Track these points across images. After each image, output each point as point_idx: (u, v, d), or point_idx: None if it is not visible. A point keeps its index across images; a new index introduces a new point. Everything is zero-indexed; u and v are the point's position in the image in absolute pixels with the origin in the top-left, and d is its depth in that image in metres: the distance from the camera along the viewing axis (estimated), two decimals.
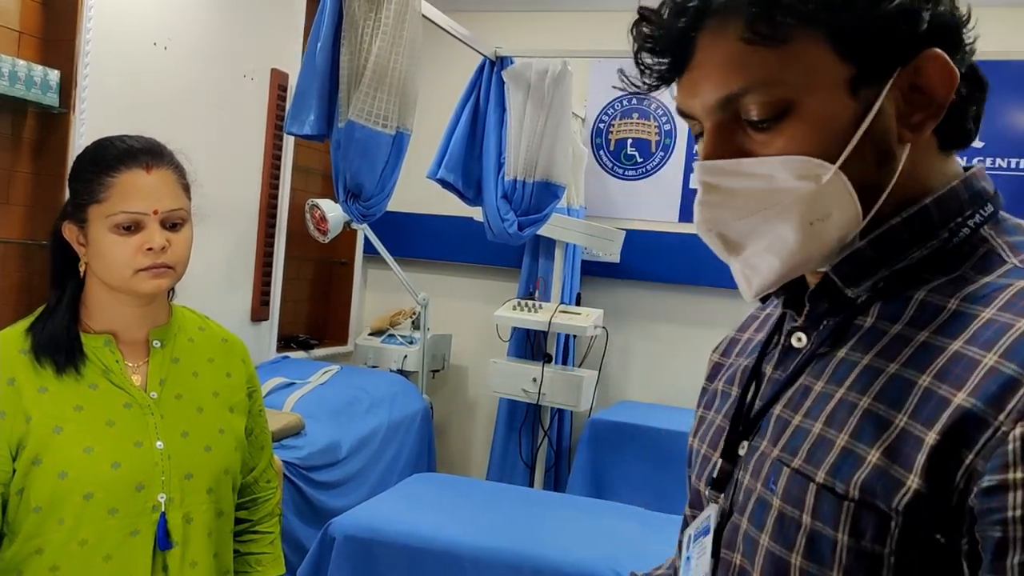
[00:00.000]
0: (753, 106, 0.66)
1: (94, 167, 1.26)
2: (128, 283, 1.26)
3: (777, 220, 0.67)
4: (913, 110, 0.67)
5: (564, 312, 3.69)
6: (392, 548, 2.37)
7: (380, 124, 2.32)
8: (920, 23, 0.64)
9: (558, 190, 3.17)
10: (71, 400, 1.24)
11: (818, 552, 0.64)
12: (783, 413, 0.71)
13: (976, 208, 0.68)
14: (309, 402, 3.30)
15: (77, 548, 1.21)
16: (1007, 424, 0.56)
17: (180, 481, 1.29)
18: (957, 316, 0.63)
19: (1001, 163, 3.59)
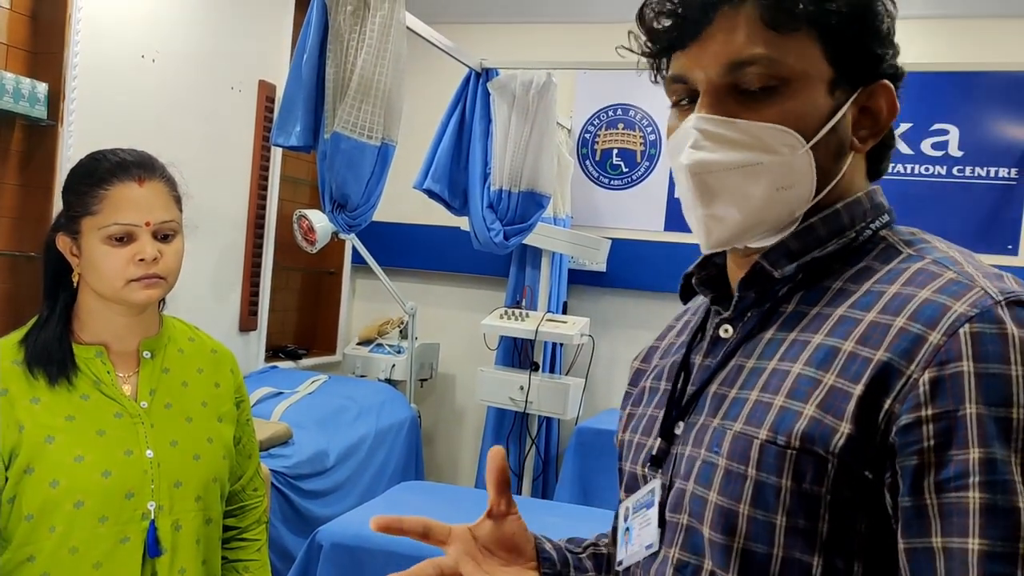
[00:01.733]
0: (754, 76, 0.76)
1: (87, 180, 1.28)
2: (120, 293, 1.28)
3: (752, 178, 0.77)
4: (862, 126, 0.80)
5: (551, 321, 3.72)
6: (379, 556, 2.39)
7: (365, 135, 2.35)
8: (886, 55, 0.79)
9: (543, 200, 3.21)
10: (63, 410, 1.26)
11: (763, 499, 0.72)
12: (719, 390, 0.80)
13: (876, 216, 0.81)
14: (297, 411, 3.31)
15: (68, 556, 1.23)
16: (917, 372, 0.67)
17: (169, 489, 1.31)
18: (868, 294, 0.75)
19: (980, 171, 3.64)
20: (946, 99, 3.67)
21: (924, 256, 0.76)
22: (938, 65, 3.55)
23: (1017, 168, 3.59)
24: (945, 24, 3.67)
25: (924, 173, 3.71)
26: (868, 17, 0.77)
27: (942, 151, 3.68)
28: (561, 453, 3.89)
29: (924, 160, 3.70)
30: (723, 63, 0.76)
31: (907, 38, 3.16)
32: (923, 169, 3.71)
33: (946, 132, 3.67)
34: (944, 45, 3.66)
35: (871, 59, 0.78)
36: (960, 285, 0.70)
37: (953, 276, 0.72)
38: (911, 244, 0.79)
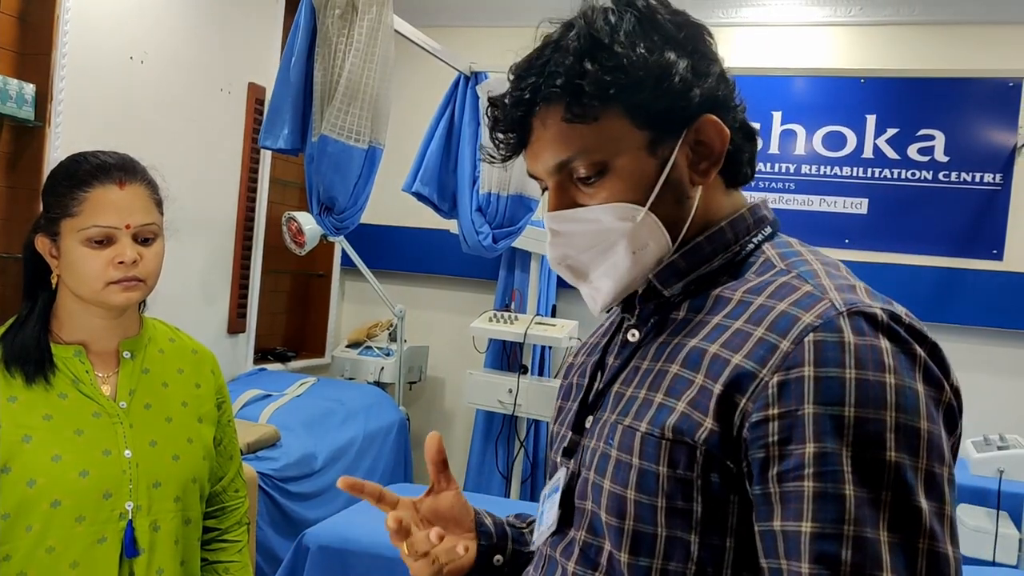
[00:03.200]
0: (579, 168, 0.85)
1: (67, 182, 1.28)
2: (99, 295, 1.28)
3: (610, 252, 0.87)
4: (700, 160, 0.87)
5: (540, 323, 3.72)
6: (366, 558, 2.39)
7: (353, 139, 2.36)
8: (693, 98, 0.84)
9: (532, 203, 3.22)
10: (40, 409, 1.26)
11: (646, 485, 0.81)
12: (619, 389, 0.89)
13: (759, 229, 0.90)
14: (285, 414, 3.31)
15: (44, 555, 1.22)
16: (768, 375, 0.75)
17: (148, 489, 1.31)
18: (740, 304, 0.83)
19: (966, 177, 3.67)
20: (932, 105, 3.69)
21: (791, 270, 0.84)
22: (925, 71, 3.58)
23: (1002, 174, 3.62)
24: (932, 30, 3.70)
25: (911, 178, 3.73)
26: (660, 79, 0.83)
27: (928, 156, 3.71)
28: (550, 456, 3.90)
29: (910, 165, 3.73)
30: (551, 165, 0.86)
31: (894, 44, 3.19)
32: (909, 174, 3.73)
33: (932, 138, 3.70)
34: (931, 51, 3.68)
35: (677, 107, 0.84)
36: (812, 298, 0.78)
37: (808, 289, 0.80)
38: (784, 258, 0.87)
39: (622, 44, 0.83)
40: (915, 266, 3.70)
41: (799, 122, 3.88)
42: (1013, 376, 3.62)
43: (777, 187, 3.89)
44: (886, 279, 3.71)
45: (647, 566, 0.81)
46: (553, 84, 0.83)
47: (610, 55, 0.82)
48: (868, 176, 3.78)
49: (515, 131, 0.87)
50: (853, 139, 3.80)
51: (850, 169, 3.80)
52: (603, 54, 0.82)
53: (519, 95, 0.86)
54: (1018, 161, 3.61)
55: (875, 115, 3.77)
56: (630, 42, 0.83)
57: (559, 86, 0.83)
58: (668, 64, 0.83)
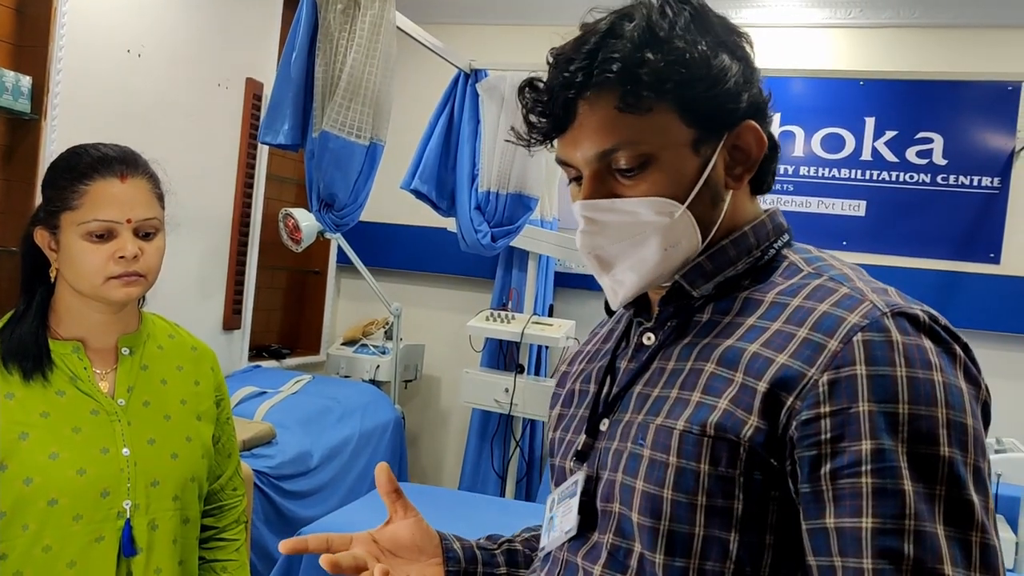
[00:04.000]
0: (622, 158, 0.85)
1: (68, 174, 1.26)
2: (99, 290, 1.27)
3: (641, 246, 0.87)
4: (736, 164, 0.88)
5: (537, 323, 3.71)
6: None
7: (354, 135, 2.34)
8: (741, 102, 0.86)
9: (531, 202, 3.21)
10: (38, 406, 1.24)
11: (684, 483, 0.80)
12: (643, 390, 0.88)
13: (778, 236, 0.92)
14: (280, 411, 3.29)
15: (41, 554, 1.21)
16: (817, 374, 0.76)
17: (146, 488, 1.29)
18: (774, 306, 0.84)
19: (964, 180, 3.67)
20: (931, 107, 3.70)
21: (822, 274, 0.86)
22: (924, 74, 3.58)
23: (1000, 177, 3.63)
24: (931, 33, 3.70)
25: (909, 181, 3.73)
26: (716, 80, 0.84)
27: (926, 159, 3.71)
28: (545, 456, 3.89)
29: (909, 168, 3.73)
30: (592, 153, 0.85)
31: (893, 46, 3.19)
32: (908, 177, 3.73)
33: (931, 140, 3.70)
34: (930, 54, 3.69)
35: (726, 109, 0.85)
36: (853, 299, 0.80)
37: (847, 291, 0.82)
38: (810, 263, 0.89)
39: (682, 39, 0.83)
40: (912, 269, 3.71)
41: (798, 123, 3.87)
42: (1010, 379, 3.62)
43: (775, 188, 3.87)
44: (883, 281, 3.71)
45: (683, 567, 0.81)
46: (609, 69, 0.82)
47: (670, 49, 0.82)
48: (866, 178, 3.78)
49: (557, 115, 0.86)
50: (852, 141, 3.80)
51: (848, 171, 3.80)
52: (664, 46, 0.82)
53: (569, 78, 0.84)
54: (1016, 165, 3.61)
55: (874, 117, 3.77)
56: (690, 39, 0.84)
57: (615, 72, 0.82)
58: (725, 66, 0.84)
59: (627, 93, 0.82)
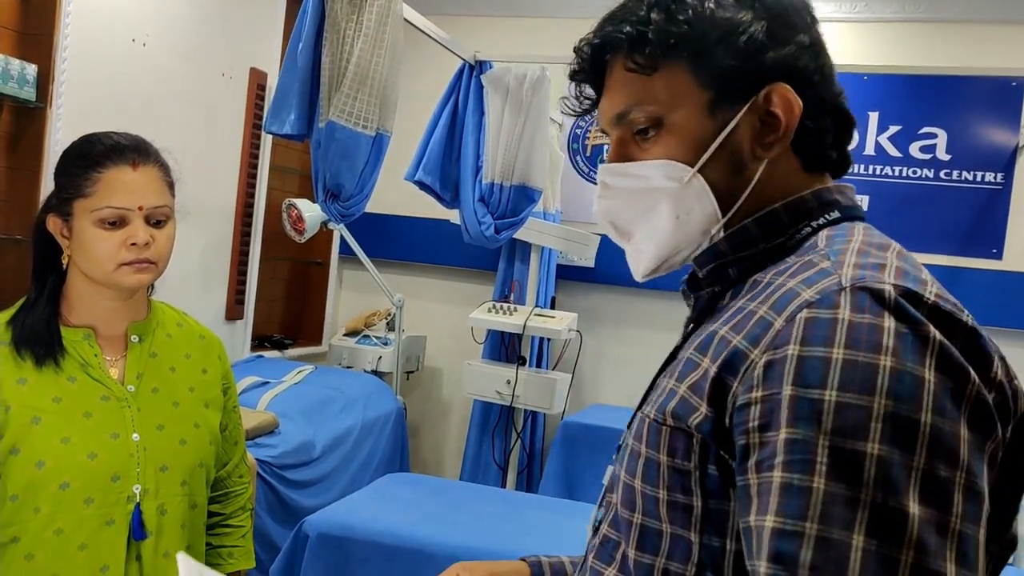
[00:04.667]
0: (638, 119, 0.82)
1: (81, 162, 1.27)
2: (110, 277, 1.28)
3: (652, 213, 0.83)
4: (767, 132, 0.81)
5: (539, 315, 3.72)
6: (365, 546, 2.38)
7: (360, 125, 2.34)
8: (764, 62, 0.79)
9: (535, 194, 3.21)
10: (50, 392, 1.25)
11: (650, 474, 0.76)
12: (660, 380, 0.85)
13: (823, 213, 0.82)
14: (283, 401, 3.30)
15: (53, 537, 1.22)
16: (758, 355, 0.69)
17: (155, 473, 1.31)
18: (765, 285, 0.76)
19: (967, 175, 3.67)
20: (935, 102, 3.70)
21: (828, 247, 0.76)
22: (928, 69, 3.58)
23: (1003, 172, 3.63)
24: (936, 28, 3.70)
25: (912, 176, 3.74)
26: (726, 36, 0.79)
27: (930, 154, 3.71)
28: (546, 447, 3.90)
29: (912, 163, 3.73)
30: (610, 116, 0.84)
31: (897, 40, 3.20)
32: (911, 172, 3.74)
33: (934, 136, 3.70)
34: (935, 49, 3.68)
35: (744, 69, 0.79)
36: (822, 274, 0.71)
37: (824, 266, 0.72)
38: (833, 240, 0.78)
39: None
40: None
41: None
42: None
43: None
44: None
45: (650, 564, 0.76)
46: (620, 32, 0.81)
47: (680, 6, 0.80)
48: (869, 173, 3.78)
49: (587, 80, 0.86)
50: (855, 136, 3.79)
51: (852, 166, 3.80)
52: (673, 5, 0.80)
53: (589, 40, 0.85)
54: (1019, 161, 3.62)
55: (877, 112, 3.77)
56: None
57: (624, 33, 0.81)
58: (737, 22, 0.79)
59: (631, 53, 0.81)
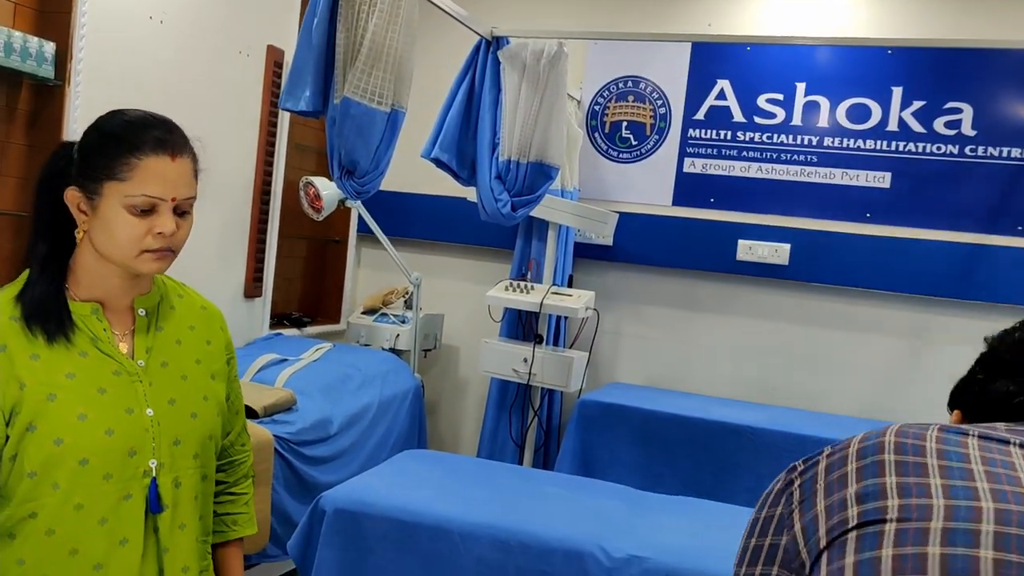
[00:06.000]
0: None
1: (120, 144, 1.25)
2: (131, 261, 1.28)
3: None
4: None
5: (556, 293, 3.71)
6: (382, 522, 2.40)
7: (375, 101, 2.33)
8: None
9: (552, 171, 3.18)
10: (63, 367, 1.26)
11: None
12: None
13: None
14: (301, 378, 3.31)
15: (73, 512, 1.24)
16: None
17: (169, 447, 1.32)
18: None
19: (993, 152, 3.61)
20: (961, 77, 3.63)
21: None
22: (954, 41, 3.51)
23: None
24: (961, 1, 3.63)
25: (936, 152, 3.68)
26: None
27: (955, 130, 3.65)
28: (563, 425, 3.90)
29: (937, 139, 3.67)
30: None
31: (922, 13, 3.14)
32: (935, 148, 3.68)
33: (960, 111, 3.64)
34: (960, 22, 3.61)
35: None
36: None
37: None
38: None
39: None
40: (938, 241, 3.66)
41: (823, 94, 3.82)
42: None
43: (799, 160, 3.84)
44: (907, 255, 3.67)
45: None
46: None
47: None
48: (892, 150, 3.73)
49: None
50: (878, 112, 3.74)
51: (874, 142, 3.75)
52: None
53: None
54: None
55: (901, 87, 3.71)
56: None
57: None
58: None
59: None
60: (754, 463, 3.32)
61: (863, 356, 3.80)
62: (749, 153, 3.92)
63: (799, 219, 3.83)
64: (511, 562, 2.30)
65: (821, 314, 3.86)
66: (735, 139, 3.94)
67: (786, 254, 3.82)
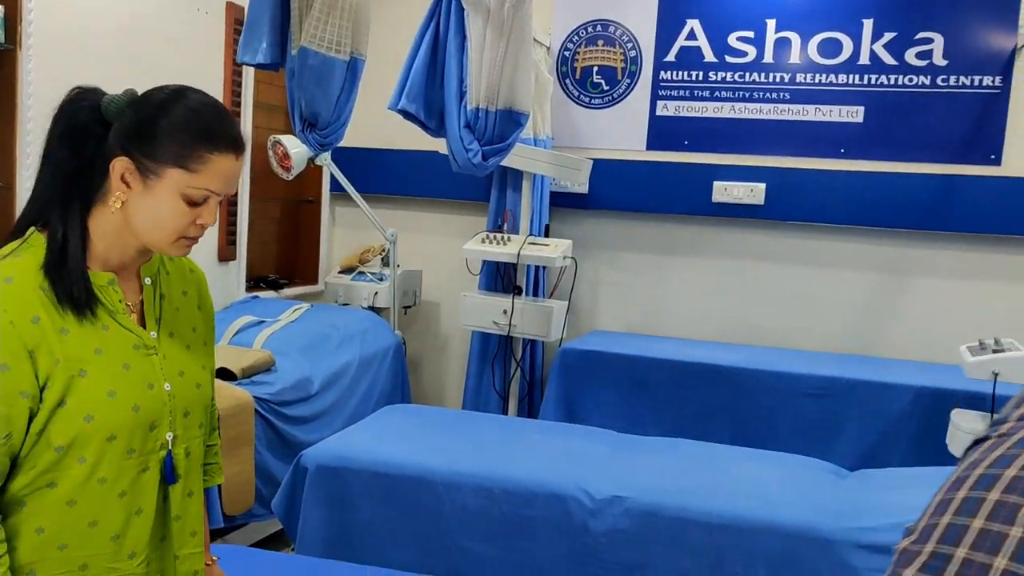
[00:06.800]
0: None
1: (199, 137, 1.22)
2: (164, 245, 1.26)
3: None
4: None
5: (533, 244, 3.69)
6: (364, 476, 2.40)
7: (334, 50, 2.28)
8: None
9: (521, 118, 3.14)
10: (91, 343, 1.23)
11: None
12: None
13: None
14: (279, 339, 3.30)
15: (97, 486, 1.23)
16: None
17: (181, 419, 1.32)
18: None
19: (964, 80, 3.59)
20: (931, 6, 3.59)
21: None
22: None
23: (1001, 76, 3.54)
24: None
25: (908, 84, 3.65)
26: None
27: (926, 60, 3.62)
28: (546, 376, 3.91)
29: (908, 70, 3.64)
30: None
31: None
32: (907, 80, 3.65)
33: (931, 41, 3.61)
34: None
35: None
36: None
37: None
38: None
39: None
40: (912, 174, 3.65)
41: (793, 29, 3.77)
42: (1010, 282, 3.60)
43: (772, 98, 3.81)
44: (882, 189, 3.67)
45: None
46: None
47: None
48: (864, 83, 3.70)
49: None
50: (849, 45, 3.70)
51: (846, 76, 3.72)
52: None
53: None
54: (1017, 63, 3.53)
55: (872, 19, 3.67)
56: None
57: None
58: None
59: None
60: (734, 403, 3.34)
61: (841, 292, 3.82)
62: (721, 93, 3.88)
63: (774, 158, 3.81)
64: (495, 508, 2.31)
65: (798, 252, 3.86)
66: (707, 80, 3.90)
67: (761, 194, 3.81)
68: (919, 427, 3.14)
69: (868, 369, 3.38)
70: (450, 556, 2.33)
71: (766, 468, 2.49)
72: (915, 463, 2.98)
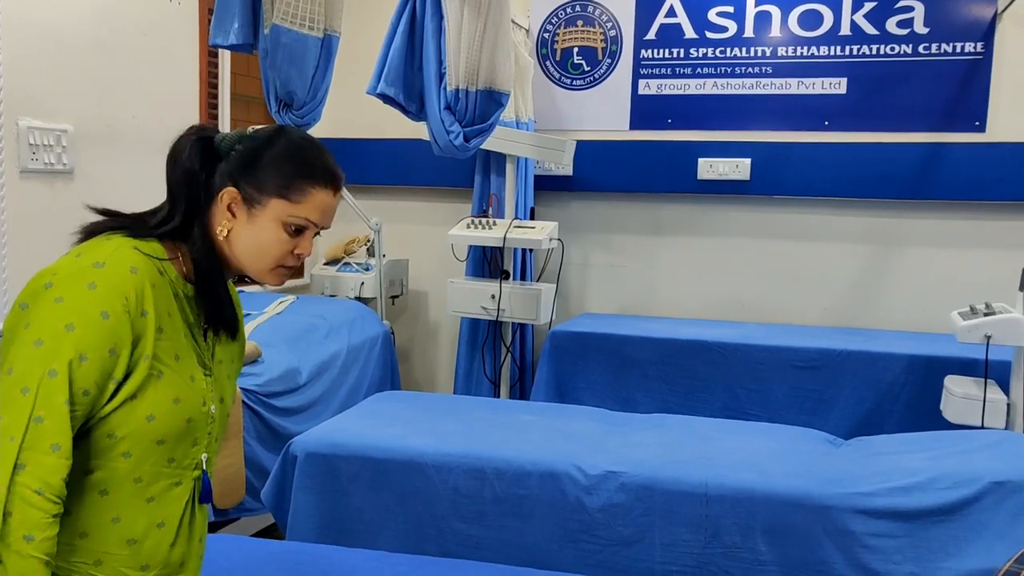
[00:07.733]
0: None
1: (302, 170, 1.28)
2: (262, 273, 1.31)
3: None
4: None
5: (519, 227, 3.66)
6: (354, 461, 2.37)
7: (307, 27, 2.24)
8: None
9: (502, 97, 3.11)
10: (174, 348, 1.25)
11: None
12: None
13: None
14: (265, 331, 3.25)
15: (131, 484, 1.24)
16: None
17: (215, 442, 1.35)
18: None
19: (946, 48, 3.57)
20: None
21: None
22: None
23: (983, 42, 3.53)
24: None
25: (890, 53, 3.63)
26: None
27: (907, 28, 3.60)
28: (536, 360, 3.88)
29: (890, 40, 3.62)
30: None
31: None
32: (888, 49, 3.63)
33: (911, 9, 3.59)
34: None
35: None
36: None
37: None
38: None
39: None
40: (897, 143, 3.64)
41: (773, 2, 3.75)
42: (997, 248, 3.59)
43: (754, 72, 3.79)
44: (867, 160, 3.65)
45: None
46: None
47: None
48: (846, 54, 3.68)
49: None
50: (830, 16, 3.68)
51: (828, 48, 3.70)
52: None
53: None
54: (999, 28, 3.51)
55: None
56: None
57: None
58: None
59: None
60: (727, 379, 3.32)
61: (830, 265, 3.80)
62: (703, 70, 3.85)
63: (758, 132, 3.79)
64: (487, 489, 2.28)
65: (785, 226, 3.84)
66: (688, 56, 3.87)
67: (747, 169, 3.79)
68: (912, 396, 3.13)
69: (860, 340, 3.37)
70: (443, 538, 2.30)
71: (760, 439, 2.47)
72: (909, 431, 2.96)
